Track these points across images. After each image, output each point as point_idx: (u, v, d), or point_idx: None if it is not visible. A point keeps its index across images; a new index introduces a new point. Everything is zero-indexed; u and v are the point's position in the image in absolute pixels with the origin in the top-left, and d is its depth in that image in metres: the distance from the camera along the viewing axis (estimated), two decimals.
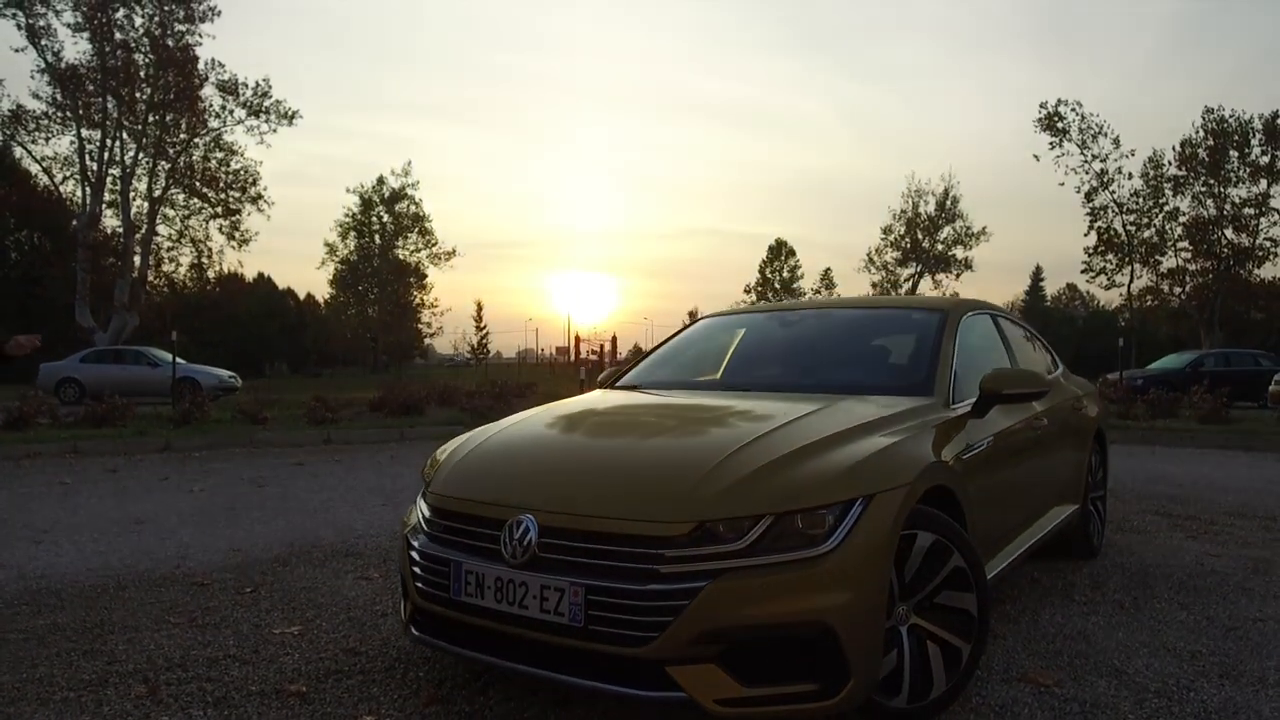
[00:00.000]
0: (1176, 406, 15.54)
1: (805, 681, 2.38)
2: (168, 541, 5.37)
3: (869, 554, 2.45)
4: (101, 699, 2.90)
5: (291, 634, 3.58)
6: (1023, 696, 2.95)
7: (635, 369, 4.33)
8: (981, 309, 4.28)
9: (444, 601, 2.72)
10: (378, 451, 10.66)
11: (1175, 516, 6.35)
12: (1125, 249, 38.96)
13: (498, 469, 2.94)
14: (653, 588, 2.34)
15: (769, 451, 2.63)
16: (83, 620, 3.74)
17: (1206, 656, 3.35)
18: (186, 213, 35.80)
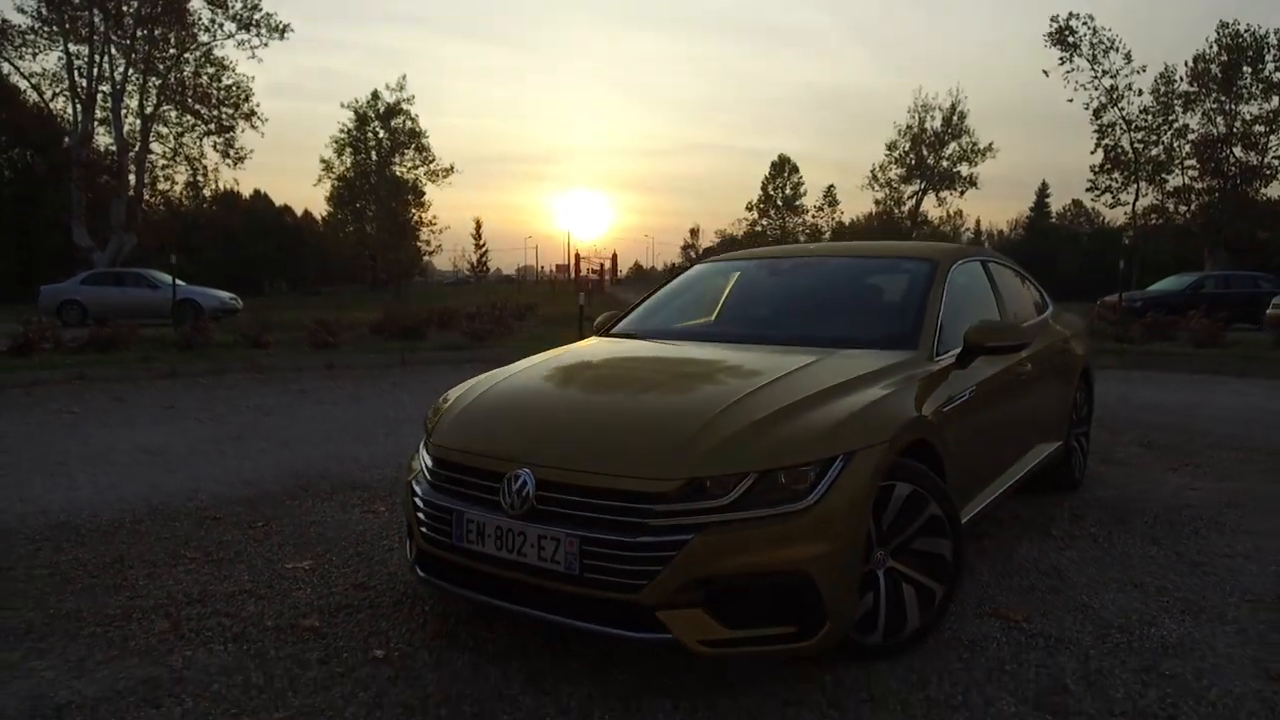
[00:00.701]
0: (1173, 330, 15.64)
1: (785, 624, 2.55)
2: (178, 474, 5.55)
3: (848, 508, 2.59)
4: (127, 634, 3.09)
5: (303, 569, 3.77)
6: (992, 631, 3.13)
7: (631, 315, 4.42)
8: (972, 256, 4.34)
9: (447, 547, 2.87)
10: (379, 377, 10.81)
11: (1159, 448, 6.52)
12: (1132, 167, 38.43)
13: (497, 423, 3.06)
14: (643, 539, 2.49)
15: (755, 410, 2.74)
16: (103, 556, 3.93)
17: (1171, 592, 3.54)
18: (180, 130, 35.25)
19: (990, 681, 2.76)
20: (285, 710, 2.56)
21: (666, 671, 2.80)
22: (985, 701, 2.63)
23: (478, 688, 2.71)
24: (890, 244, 4.68)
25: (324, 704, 2.60)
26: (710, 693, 2.68)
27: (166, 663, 2.87)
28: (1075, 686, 2.73)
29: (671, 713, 2.56)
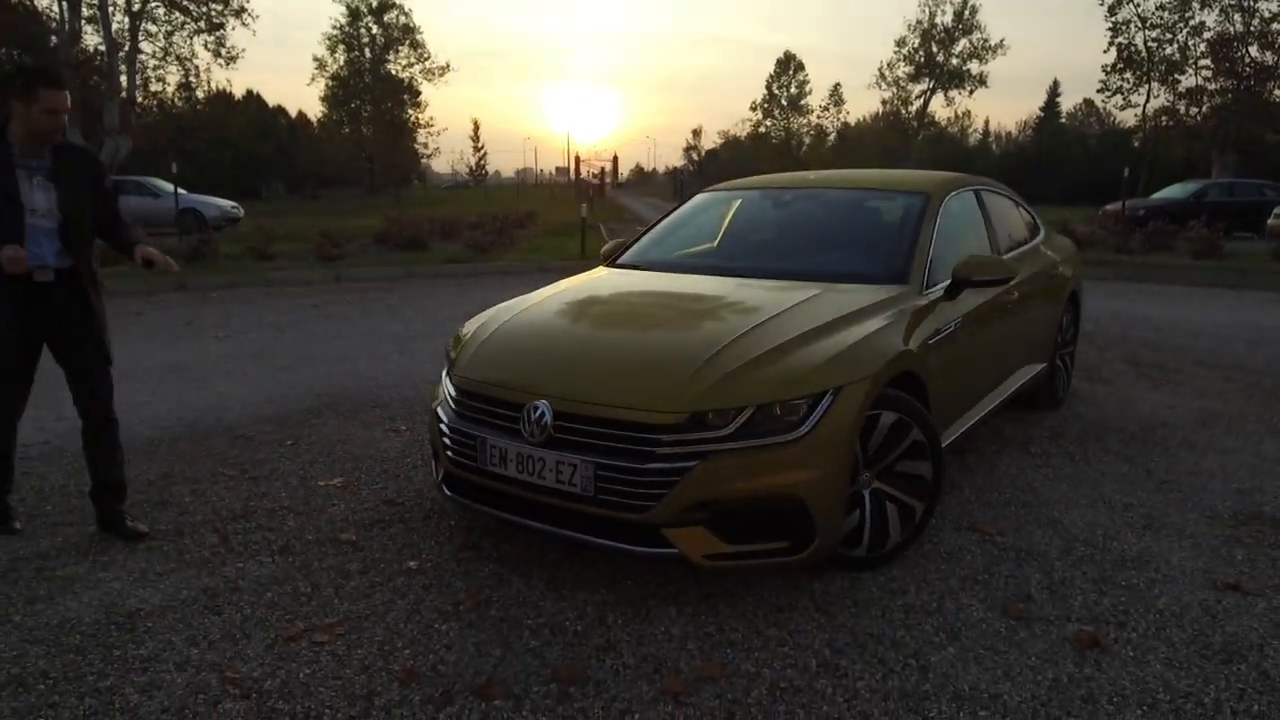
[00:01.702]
0: (1174, 239, 15.72)
1: (779, 540, 2.85)
2: (205, 391, 5.82)
3: (836, 437, 2.85)
4: (182, 548, 3.40)
5: (335, 486, 4.07)
6: (968, 544, 3.44)
7: (636, 245, 4.60)
8: (965, 185, 4.48)
9: (472, 470, 3.15)
10: (387, 293, 11.01)
11: (1144, 365, 6.77)
12: (1145, 66, 37.58)
13: (516, 356, 3.29)
14: (652, 466, 2.76)
15: (753, 347, 2.98)
16: (147, 473, 4.22)
17: (1136, 508, 3.84)
18: (169, 28, 34.41)
19: (963, 590, 3.07)
20: (334, 615, 2.88)
21: (671, 581, 3.11)
22: (957, 608, 2.95)
23: (503, 594, 3.03)
24: (887, 174, 4.81)
25: (367, 610, 2.92)
26: (710, 599, 3.00)
27: (221, 573, 3.19)
28: (1038, 594, 3.05)
29: (676, 617, 2.88)
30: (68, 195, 3.28)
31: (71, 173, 3.32)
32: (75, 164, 3.35)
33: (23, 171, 3.22)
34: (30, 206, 3.21)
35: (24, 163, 3.22)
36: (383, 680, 2.52)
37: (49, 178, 3.26)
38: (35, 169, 3.24)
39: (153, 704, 2.40)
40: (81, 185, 3.34)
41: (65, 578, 3.15)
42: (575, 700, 2.43)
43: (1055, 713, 2.38)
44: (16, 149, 3.21)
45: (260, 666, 2.58)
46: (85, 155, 3.44)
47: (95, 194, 3.41)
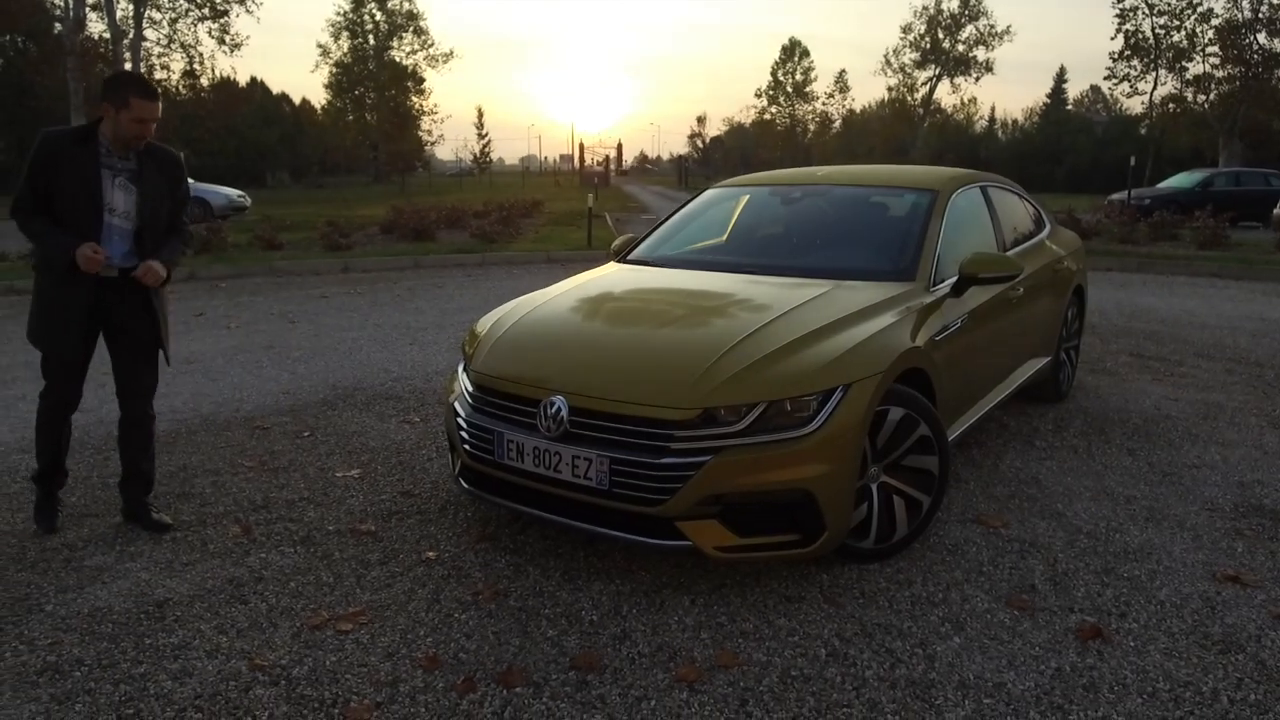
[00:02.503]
0: (1179, 229, 15.73)
1: (789, 533, 2.92)
2: (220, 383, 5.91)
3: (845, 433, 2.92)
4: (206, 539, 3.49)
5: (352, 477, 4.16)
6: (973, 536, 3.52)
7: (647, 241, 4.66)
8: (972, 182, 4.54)
9: (489, 463, 3.23)
10: (395, 283, 11.08)
11: (1147, 357, 6.83)
12: (1152, 53, 37.42)
13: (531, 352, 3.37)
14: (666, 461, 2.83)
15: (764, 345, 3.05)
16: (167, 464, 4.31)
17: (1139, 501, 3.91)
18: (173, 15, 34.44)
19: (968, 581, 3.15)
20: (356, 605, 2.97)
21: (683, 572, 3.20)
22: (962, 599, 3.02)
23: (520, 585, 3.12)
24: (895, 171, 4.86)
25: (389, 599, 3.01)
26: (722, 590, 3.08)
27: (245, 564, 3.27)
28: (1042, 586, 3.13)
29: (689, 607, 2.96)
30: (148, 200, 3.36)
31: (154, 177, 3.39)
32: (159, 167, 3.42)
33: (107, 171, 3.30)
34: (110, 205, 3.30)
35: (109, 162, 3.31)
36: (406, 667, 2.60)
37: (132, 180, 3.35)
38: (119, 170, 3.33)
39: (185, 690, 2.49)
40: (162, 189, 3.42)
41: (94, 568, 3.24)
42: (593, 687, 2.51)
43: (1058, 701, 2.46)
44: (104, 148, 3.29)
45: (288, 654, 2.66)
46: (170, 158, 3.49)
47: (173, 198, 3.49)
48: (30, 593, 3.05)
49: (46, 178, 3.24)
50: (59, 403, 3.53)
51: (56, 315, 3.34)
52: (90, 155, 3.25)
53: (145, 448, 3.64)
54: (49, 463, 3.59)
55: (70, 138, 3.28)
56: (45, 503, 3.60)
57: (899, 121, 61.07)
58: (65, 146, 3.25)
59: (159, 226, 3.42)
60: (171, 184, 3.46)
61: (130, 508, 3.64)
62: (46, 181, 3.24)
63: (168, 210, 3.46)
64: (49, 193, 3.25)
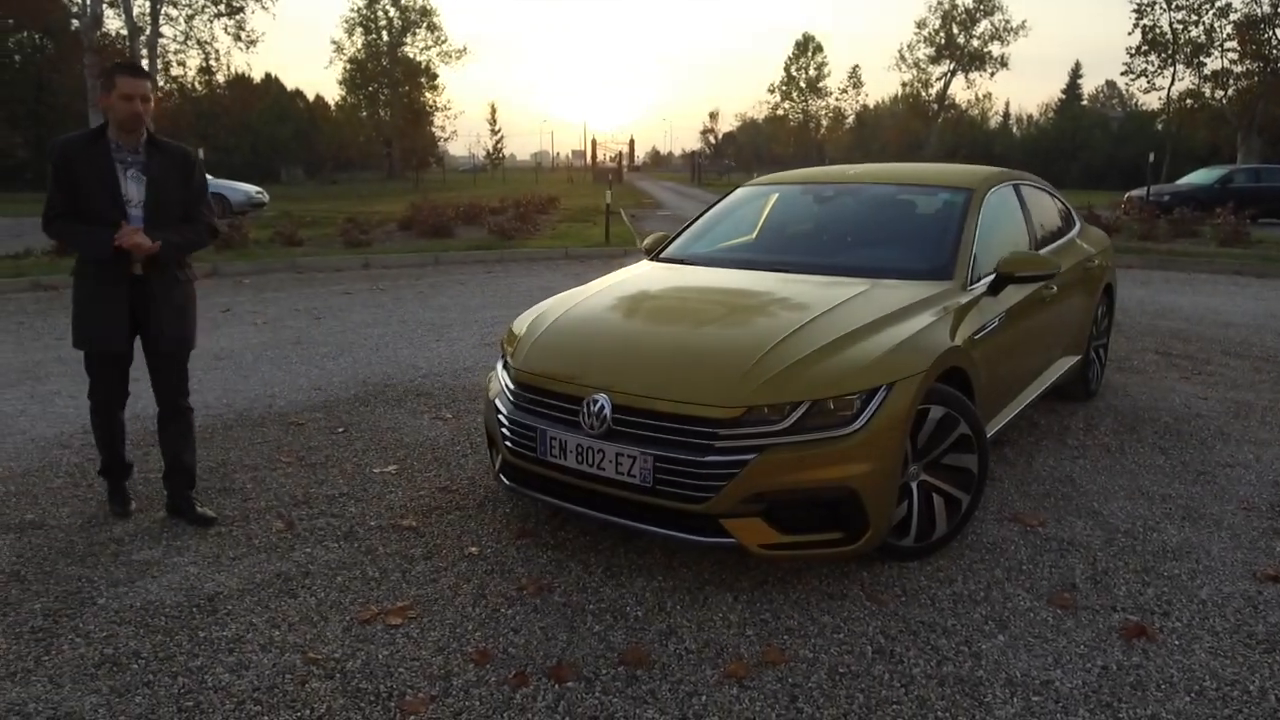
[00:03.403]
0: (1199, 226, 15.64)
1: (832, 531, 2.95)
2: (251, 379, 5.97)
3: (889, 431, 2.94)
4: (250, 533, 3.54)
5: (390, 473, 4.20)
6: (1011, 535, 3.53)
7: (680, 239, 4.68)
8: (1005, 180, 4.54)
9: (531, 459, 3.26)
10: (416, 279, 11.13)
11: (1174, 355, 6.81)
12: (1170, 49, 37.14)
13: (573, 351, 3.39)
14: (710, 459, 2.86)
15: (807, 343, 3.06)
16: (206, 459, 4.35)
17: (1174, 500, 3.91)
18: (190, 12, 34.63)
19: (1009, 580, 3.17)
20: (404, 599, 3.01)
21: (724, 569, 3.22)
22: (1004, 597, 3.04)
23: (564, 580, 3.15)
24: (928, 169, 4.85)
25: (435, 594, 3.05)
26: (764, 587, 3.11)
27: (291, 558, 3.32)
28: (1083, 585, 3.14)
29: (733, 604, 2.99)
30: (154, 189, 3.46)
31: (163, 169, 3.49)
32: (169, 161, 3.52)
33: (119, 165, 3.42)
34: (126, 198, 3.42)
35: (120, 157, 3.42)
36: (458, 662, 2.64)
37: (142, 171, 3.45)
38: (130, 163, 3.44)
39: (243, 683, 2.53)
40: (173, 181, 3.52)
41: (142, 562, 3.29)
42: (643, 683, 2.54)
43: (1106, 698, 2.48)
44: (114, 144, 3.41)
45: (341, 648, 2.70)
46: (181, 152, 3.58)
47: (186, 190, 3.57)
48: (82, 586, 3.10)
49: (69, 181, 3.38)
50: (106, 400, 3.64)
51: (97, 312, 3.45)
52: (102, 152, 3.38)
53: (185, 440, 3.72)
54: (109, 457, 3.73)
55: (82, 140, 3.42)
56: (116, 493, 3.75)
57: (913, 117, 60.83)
58: (79, 149, 3.39)
59: (170, 217, 3.50)
60: (183, 177, 3.55)
61: (174, 502, 3.71)
62: (69, 185, 3.38)
63: (180, 202, 3.54)
64: (73, 195, 3.38)
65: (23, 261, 11.62)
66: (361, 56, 57.83)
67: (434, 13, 57.41)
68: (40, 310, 8.72)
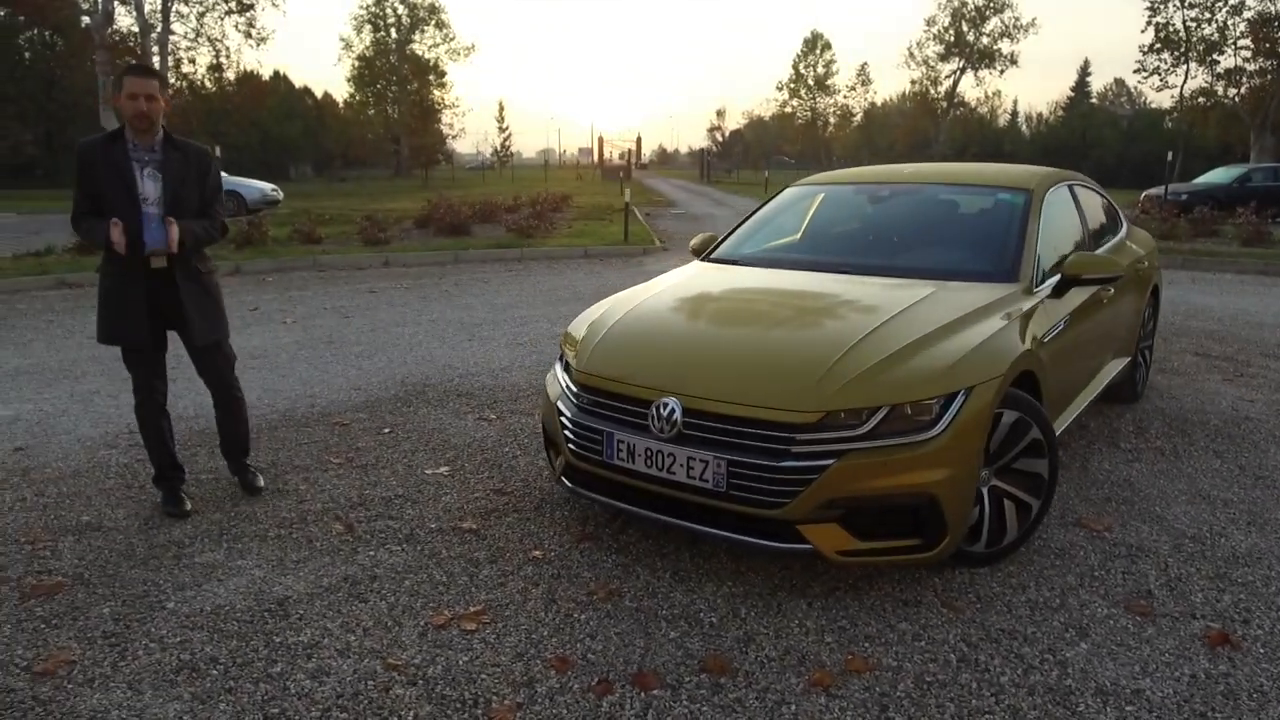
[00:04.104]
0: (1219, 226, 15.55)
1: (911, 537, 2.91)
2: (289, 378, 5.95)
3: (968, 436, 2.90)
4: (311, 536, 3.51)
5: (442, 475, 4.17)
6: (1078, 540, 3.50)
7: (730, 240, 4.64)
8: (1062, 180, 4.49)
9: (597, 463, 3.23)
10: (439, 278, 11.10)
11: (1213, 357, 6.76)
12: (1183, 46, 36.96)
13: (639, 354, 3.35)
14: (786, 464, 2.82)
15: (882, 347, 3.03)
16: (257, 460, 4.32)
17: (1237, 504, 3.87)
18: (201, 9, 34.66)
19: (1082, 586, 3.13)
20: (475, 604, 2.98)
21: (794, 575, 3.19)
22: (1080, 604, 3.00)
23: (632, 585, 3.12)
24: (983, 169, 4.79)
25: (506, 599, 3.02)
26: (836, 593, 3.07)
27: (356, 561, 3.29)
28: (1158, 591, 3.10)
29: (808, 610, 2.96)
30: (170, 186, 3.57)
31: (179, 166, 3.60)
32: (185, 159, 3.63)
33: (136, 164, 3.53)
34: (143, 195, 3.52)
35: (137, 155, 3.54)
36: (539, 668, 2.61)
37: (159, 169, 3.56)
38: (147, 161, 3.56)
39: (325, 689, 2.50)
40: (188, 178, 3.63)
41: (205, 565, 3.27)
42: (729, 691, 2.51)
43: (1199, 708, 2.44)
44: (131, 144, 3.52)
45: (419, 653, 2.68)
46: (196, 150, 3.70)
47: (201, 187, 3.68)
48: (149, 590, 3.08)
49: (91, 182, 3.51)
50: (148, 396, 3.76)
51: (118, 307, 3.59)
52: (121, 152, 3.50)
53: (238, 417, 3.99)
54: (160, 460, 3.78)
55: (102, 141, 3.54)
56: (170, 497, 3.77)
57: (922, 115, 60.69)
58: (99, 150, 3.51)
59: (186, 214, 3.59)
60: (199, 176, 3.66)
61: (232, 467, 4.04)
62: (92, 185, 3.51)
63: (196, 198, 3.65)
64: (96, 194, 3.51)
65: (45, 259, 11.63)
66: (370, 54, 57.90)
67: (442, 10, 57.50)
68: (68, 308, 8.72)
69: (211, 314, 3.76)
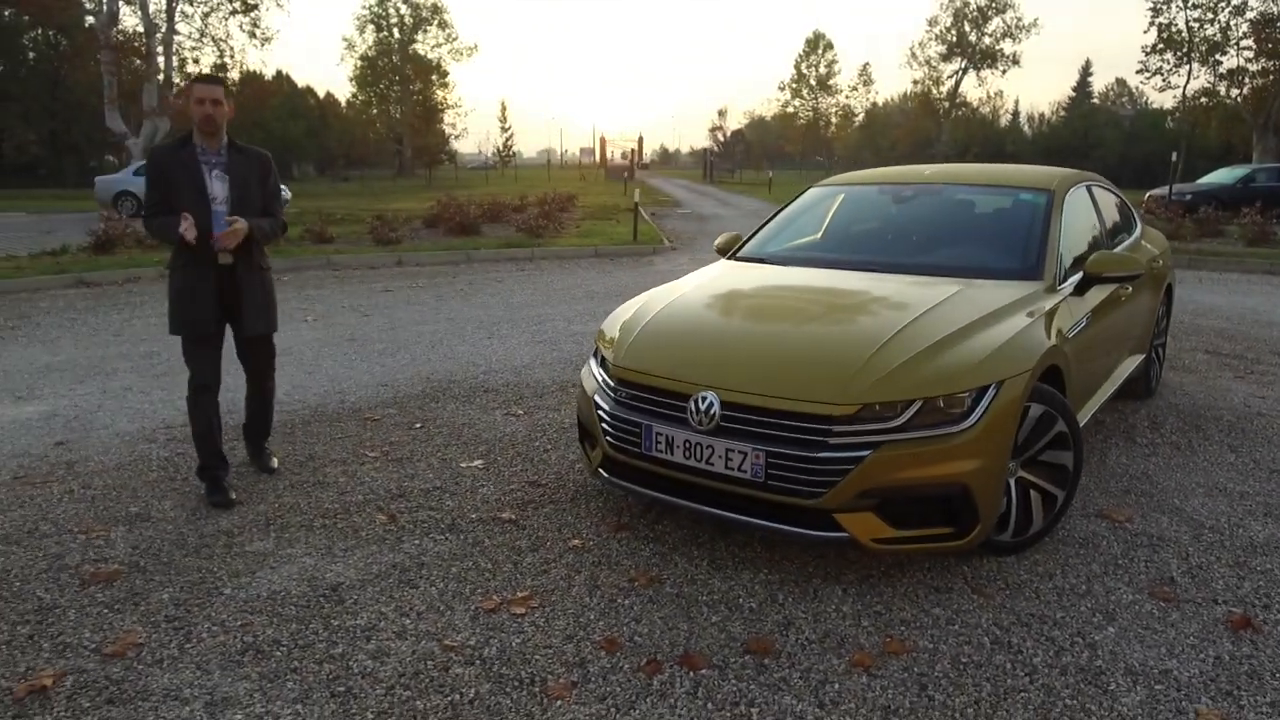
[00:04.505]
0: (1225, 226, 15.65)
1: (943, 526, 3.02)
2: (316, 375, 6.05)
3: (998, 428, 3.01)
4: (356, 525, 3.62)
5: (476, 468, 4.28)
6: (1100, 531, 3.60)
7: (755, 239, 4.75)
8: (1080, 181, 4.60)
9: (635, 455, 3.34)
10: (453, 277, 11.21)
11: (1223, 355, 6.87)
12: (1185, 47, 37.07)
13: (675, 348, 3.46)
14: (824, 455, 2.93)
15: (914, 343, 3.13)
16: (294, 453, 4.45)
17: (1253, 497, 3.98)
18: (206, 9, 34.80)
19: (1107, 574, 3.24)
20: (522, 589, 3.09)
21: (827, 563, 3.30)
22: (1105, 590, 3.11)
23: (672, 572, 3.23)
24: (1004, 169, 4.90)
25: (550, 584, 3.13)
26: (870, 580, 3.18)
27: (402, 549, 3.40)
28: (1180, 578, 3.21)
29: (844, 596, 3.06)
30: (236, 186, 3.85)
31: (243, 169, 3.88)
32: (248, 162, 3.92)
33: (205, 167, 3.79)
34: (212, 195, 3.78)
35: (206, 159, 3.81)
36: (589, 649, 2.72)
37: (225, 171, 3.82)
38: (214, 164, 3.82)
39: (387, 669, 2.61)
40: (251, 179, 3.90)
41: (256, 553, 3.38)
42: (773, 671, 2.62)
43: (1225, 687, 2.55)
44: (200, 148, 3.79)
45: (474, 635, 2.79)
46: (258, 155, 3.99)
47: (263, 188, 3.96)
48: (204, 577, 3.18)
49: (164, 183, 3.79)
50: (202, 385, 3.92)
51: (190, 300, 3.81)
52: (190, 156, 3.79)
53: (266, 404, 4.27)
54: (207, 451, 3.90)
55: (173, 147, 3.84)
56: (214, 488, 3.90)
57: (924, 115, 60.82)
58: (170, 154, 3.81)
59: (250, 212, 3.86)
60: (261, 178, 3.95)
61: (250, 450, 4.30)
62: (165, 186, 3.79)
63: (258, 198, 3.93)
64: (166, 194, 3.78)
65: (62, 258, 11.74)
66: (373, 54, 58.10)
67: (444, 10, 57.69)
68: (89, 307, 8.83)
69: (266, 307, 4.02)
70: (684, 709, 2.44)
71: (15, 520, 3.65)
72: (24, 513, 3.73)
